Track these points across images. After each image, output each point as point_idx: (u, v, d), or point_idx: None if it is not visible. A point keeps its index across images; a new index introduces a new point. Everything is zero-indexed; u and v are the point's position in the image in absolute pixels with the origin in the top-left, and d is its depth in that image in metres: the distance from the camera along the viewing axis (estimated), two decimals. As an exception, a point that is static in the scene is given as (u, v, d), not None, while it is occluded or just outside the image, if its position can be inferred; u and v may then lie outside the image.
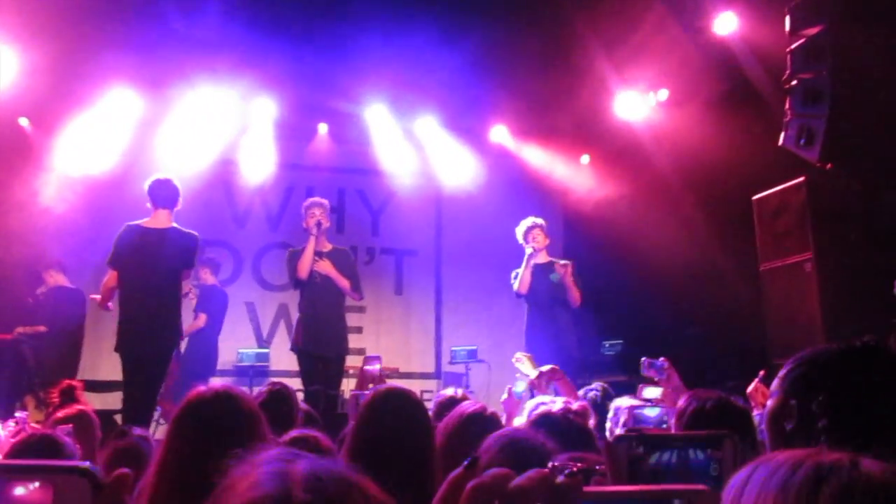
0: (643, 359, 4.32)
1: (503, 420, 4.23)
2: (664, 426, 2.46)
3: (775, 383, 1.54)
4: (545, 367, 4.10)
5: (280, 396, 3.50)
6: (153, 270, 5.03)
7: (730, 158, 6.41)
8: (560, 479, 0.57)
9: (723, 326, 6.77)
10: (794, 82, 5.34)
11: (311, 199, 6.10)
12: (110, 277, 5.19)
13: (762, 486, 0.78)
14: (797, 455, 0.79)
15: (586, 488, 0.57)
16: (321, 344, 5.74)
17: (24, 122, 7.90)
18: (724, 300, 6.81)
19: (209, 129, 8.42)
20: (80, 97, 7.73)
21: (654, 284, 7.91)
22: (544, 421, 2.38)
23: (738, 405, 2.28)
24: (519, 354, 5.57)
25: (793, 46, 5.35)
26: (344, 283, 5.85)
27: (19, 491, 0.54)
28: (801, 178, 5.42)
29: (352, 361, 6.88)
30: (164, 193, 5.20)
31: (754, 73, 6.28)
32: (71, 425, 2.62)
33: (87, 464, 0.55)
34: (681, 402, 2.42)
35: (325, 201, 6.07)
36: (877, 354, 1.48)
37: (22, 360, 6.28)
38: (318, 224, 5.80)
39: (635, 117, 8.23)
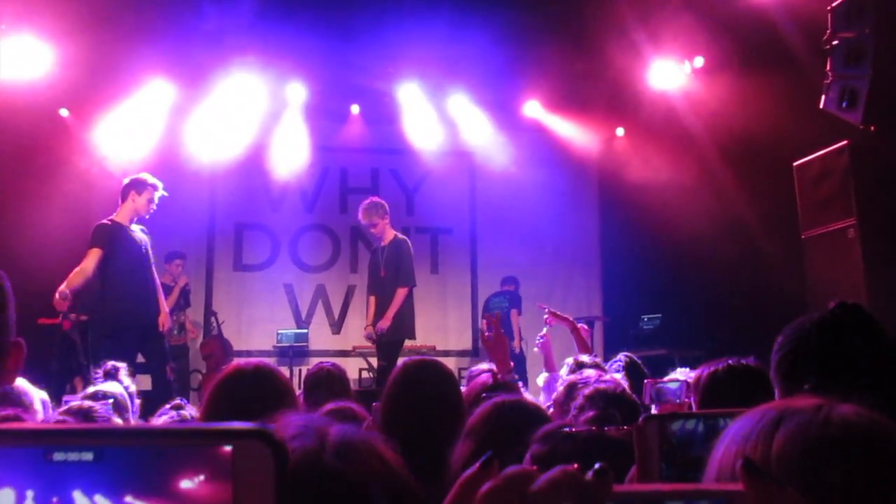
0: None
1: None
2: (678, 401, 2.45)
3: (772, 373, 1.52)
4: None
5: (320, 374, 3.57)
6: None
7: (768, 125, 6.25)
8: (589, 476, 0.50)
9: (764, 297, 6.64)
10: (834, 42, 5.17)
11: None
12: None
13: (733, 435, 0.76)
14: (770, 404, 0.77)
15: (616, 487, 0.51)
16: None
17: (64, 112, 8.07)
18: (765, 270, 6.68)
19: (243, 115, 8.51)
20: (118, 87, 7.87)
21: (692, 256, 7.79)
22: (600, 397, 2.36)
23: (752, 366, 2.28)
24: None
25: (833, 5, 5.17)
26: None
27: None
28: (844, 142, 5.26)
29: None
30: None
31: (792, 36, 6.09)
32: (110, 401, 2.69)
33: (266, 426, 0.48)
34: (695, 373, 2.46)
35: (367, 202, 6.23)
36: (854, 320, 1.45)
37: (69, 344, 6.46)
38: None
39: (670, 87, 8.07)
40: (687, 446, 0.97)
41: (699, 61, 7.80)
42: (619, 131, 9.36)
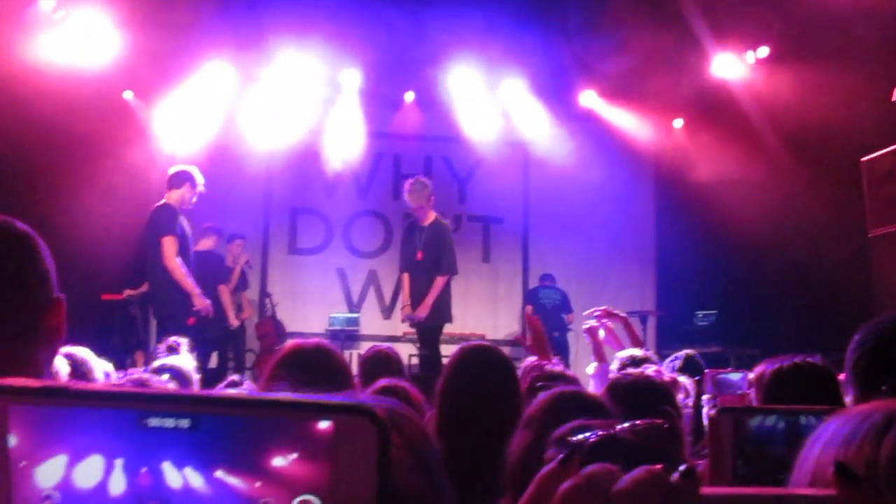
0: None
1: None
2: (739, 392, 2.38)
3: (847, 372, 1.45)
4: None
5: (378, 357, 3.59)
6: None
7: (835, 118, 6.03)
8: (675, 477, 0.47)
9: (827, 296, 6.44)
10: (911, 32, 4.95)
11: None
12: None
13: (830, 438, 0.71)
14: (872, 405, 0.72)
15: (705, 490, 0.48)
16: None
17: (128, 95, 8.27)
18: (829, 269, 6.47)
19: (299, 101, 8.61)
20: (180, 70, 8.03)
21: (751, 252, 7.59)
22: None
23: (819, 365, 2.19)
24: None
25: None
26: None
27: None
28: (917, 137, 5.04)
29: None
30: None
31: (862, 24, 5.85)
32: (164, 376, 2.75)
33: (369, 402, 0.46)
34: (757, 369, 2.40)
35: (414, 182, 5.97)
36: None
37: (130, 319, 6.67)
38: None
39: (733, 77, 7.85)
40: (765, 444, 0.92)
41: (763, 51, 7.57)
42: (678, 123, 9.17)
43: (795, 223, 6.92)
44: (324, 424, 0.46)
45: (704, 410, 3.30)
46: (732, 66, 7.86)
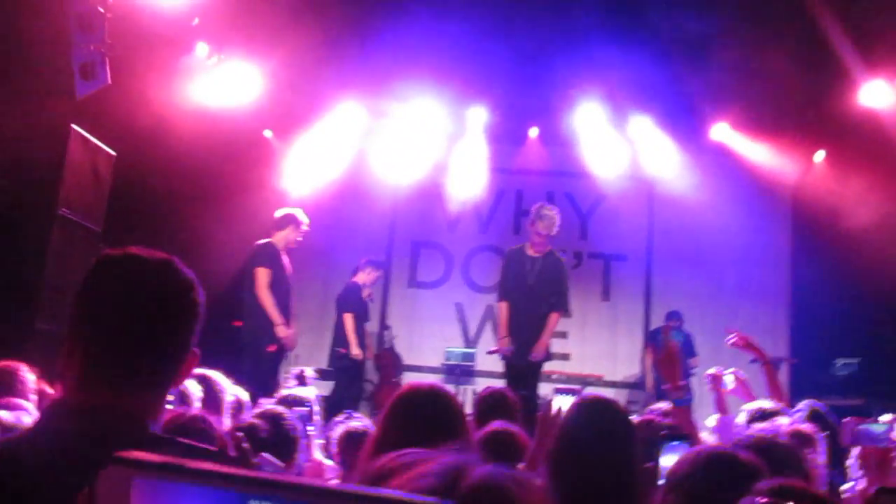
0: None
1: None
2: (883, 445, 2.16)
3: None
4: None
5: (492, 398, 3.56)
6: None
7: None
8: None
9: None
10: None
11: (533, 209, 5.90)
12: None
13: None
14: None
15: None
16: (518, 353, 5.80)
17: (268, 133, 8.82)
18: None
19: (425, 137, 8.84)
20: (315, 109, 8.48)
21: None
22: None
23: None
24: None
25: None
26: None
27: None
28: None
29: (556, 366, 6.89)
30: None
31: None
32: (306, 409, 2.90)
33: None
34: None
35: (552, 211, 5.81)
36: None
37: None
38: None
39: (882, 106, 7.27)
40: None
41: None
42: (819, 156, 8.62)
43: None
44: None
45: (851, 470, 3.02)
46: (883, 94, 7.29)
